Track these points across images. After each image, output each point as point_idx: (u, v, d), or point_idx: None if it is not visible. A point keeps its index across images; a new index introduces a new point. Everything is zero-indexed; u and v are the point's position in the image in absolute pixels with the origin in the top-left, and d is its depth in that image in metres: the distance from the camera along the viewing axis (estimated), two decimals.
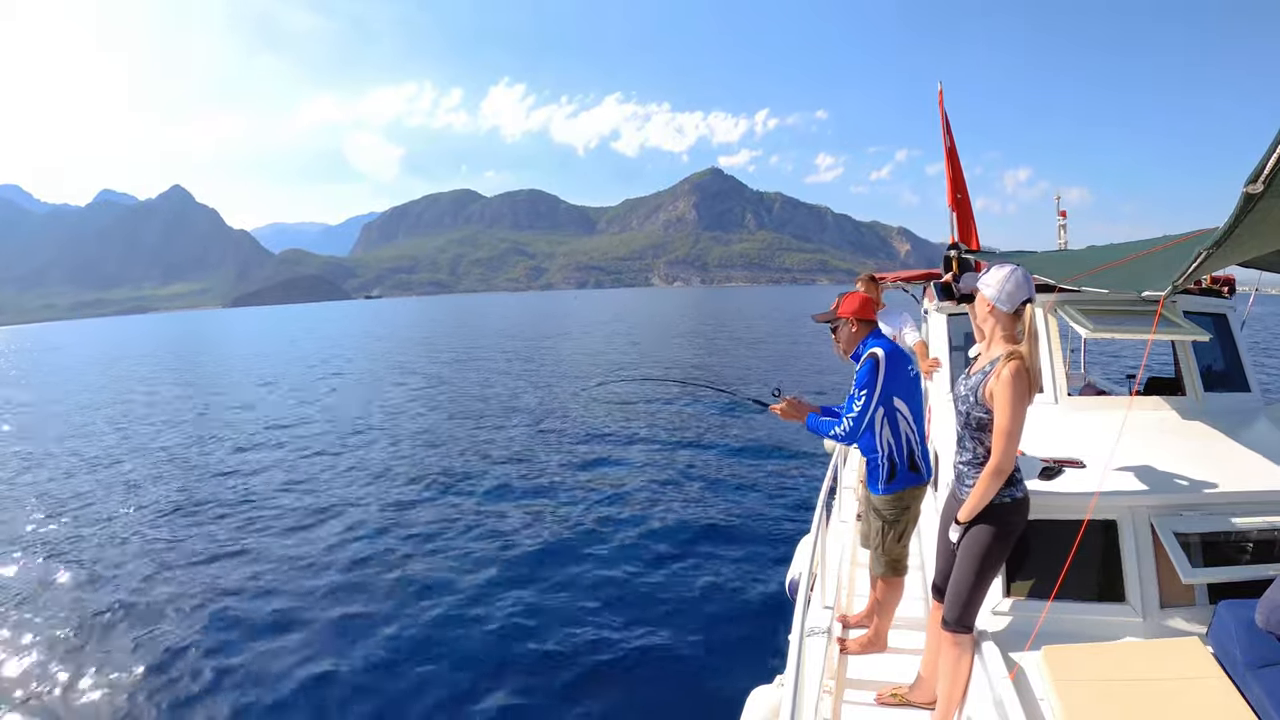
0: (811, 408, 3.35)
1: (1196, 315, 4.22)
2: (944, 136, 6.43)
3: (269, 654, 6.28)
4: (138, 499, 11.63)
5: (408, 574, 7.92)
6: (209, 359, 44.15)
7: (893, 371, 3.13)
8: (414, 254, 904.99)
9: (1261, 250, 2.80)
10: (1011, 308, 2.54)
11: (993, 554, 2.51)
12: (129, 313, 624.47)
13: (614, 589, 7.33)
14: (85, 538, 9.72)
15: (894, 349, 3.20)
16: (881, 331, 3.39)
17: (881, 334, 3.35)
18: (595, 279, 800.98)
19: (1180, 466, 2.86)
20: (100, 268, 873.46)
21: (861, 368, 3.17)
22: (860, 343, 3.32)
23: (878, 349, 3.16)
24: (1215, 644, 2.37)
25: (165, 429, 18.42)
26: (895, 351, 3.19)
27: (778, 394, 3.39)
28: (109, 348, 64.02)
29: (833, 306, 3.44)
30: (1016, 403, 2.41)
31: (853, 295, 3.39)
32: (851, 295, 3.39)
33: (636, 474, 11.84)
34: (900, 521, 3.30)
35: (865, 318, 3.33)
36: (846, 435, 3.17)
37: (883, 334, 3.35)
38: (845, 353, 3.40)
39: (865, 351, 3.22)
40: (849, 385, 3.28)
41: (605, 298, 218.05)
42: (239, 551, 8.85)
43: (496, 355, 36.07)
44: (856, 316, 3.32)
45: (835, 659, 3.40)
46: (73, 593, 7.87)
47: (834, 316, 3.40)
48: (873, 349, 3.18)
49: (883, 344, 3.20)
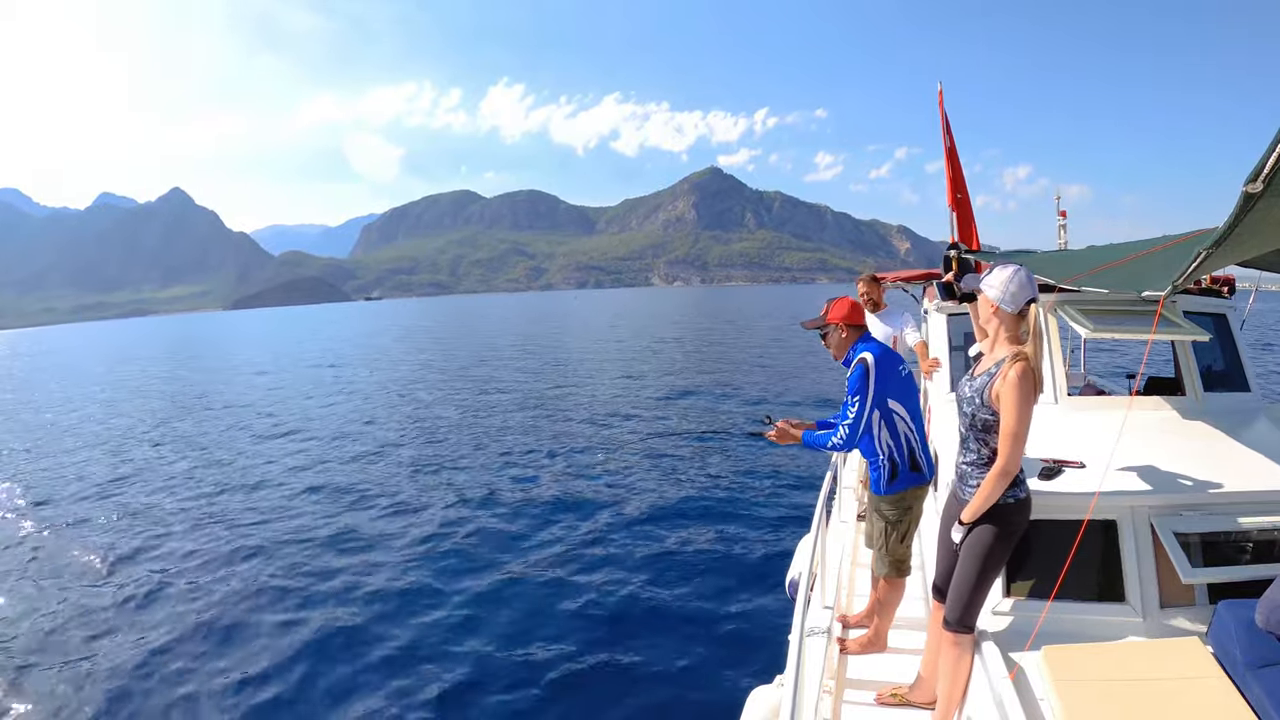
0: (805, 425, 3.34)
1: (1196, 315, 4.22)
2: (944, 136, 6.42)
3: (269, 654, 6.30)
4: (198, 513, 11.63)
5: (407, 573, 7.93)
6: (224, 363, 44.04)
7: (884, 374, 3.13)
8: (414, 255, 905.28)
9: (1261, 250, 2.79)
10: (1016, 309, 2.54)
11: (995, 554, 2.51)
12: (129, 316, 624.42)
13: (613, 589, 7.32)
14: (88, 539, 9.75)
15: (883, 352, 3.20)
16: (871, 335, 3.38)
17: (871, 337, 3.34)
18: (595, 279, 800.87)
19: (1180, 466, 2.86)
20: (100, 271, 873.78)
21: (853, 374, 3.16)
22: (850, 348, 3.31)
23: (867, 354, 3.16)
24: (1215, 644, 2.37)
25: (202, 430, 18.44)
26: (885, 354, 3.19)
27: (769, 421, 3.39)
28: (116, 350, 63.98)
29: (822, 312, 3.41)
30: (1023, 404, 2.40)
31: (841, 300, 3.37)
32: (840, 300, 3.38)
33: (636, 474, 11.84)
34: (903, 522, 3.30)
35: (854, 323, 3.32)
36: (845, 443, 3.17)
37: (872, 337, 3.35)
38: (836, 358, 3.41)
39: (856, 356, 3.21)
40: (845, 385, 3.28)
41: (605, 297, 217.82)
42: (259, 553, 8.86)
43: (499, 359, 36.07)
44: (846, 322, 3.31)
45: (835, 659, 3.40)
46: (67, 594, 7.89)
47: (824, 323, 3.38)
48: (862, 354, 3.17)
49: (871, 348, 3.20)
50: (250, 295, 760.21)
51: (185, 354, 52.61)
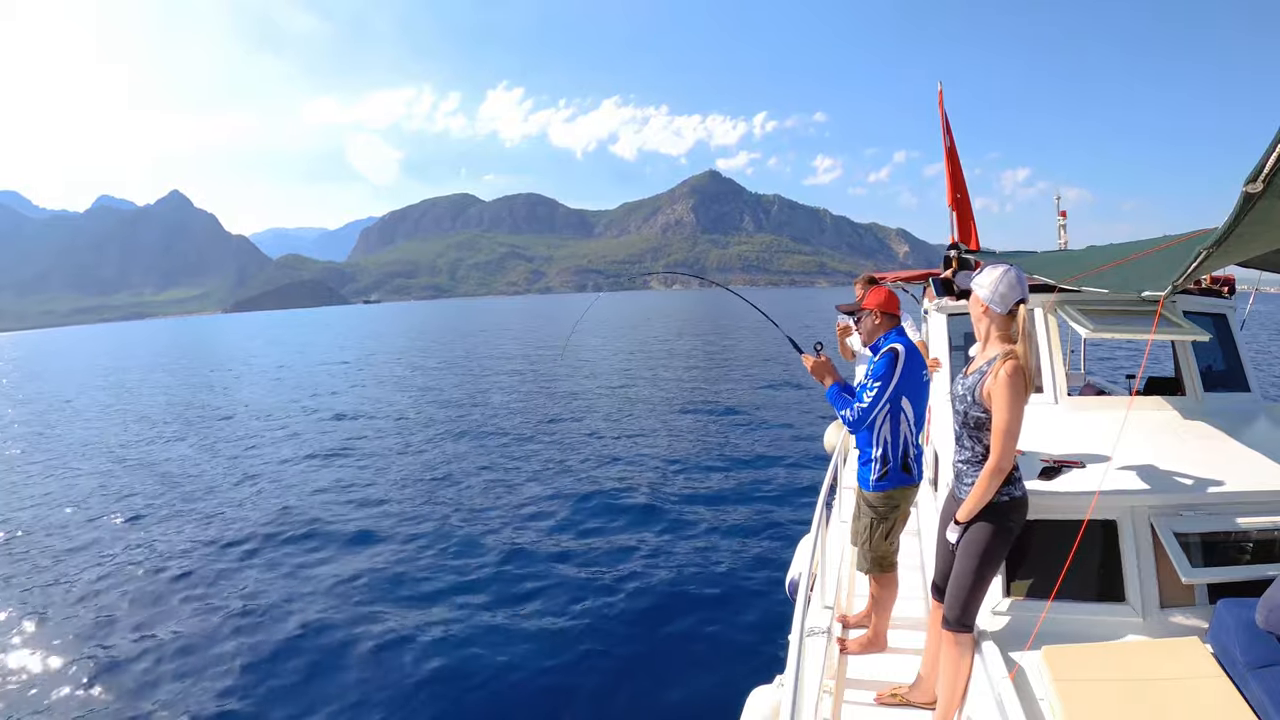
0: (839, 377, 3.38)
1: (1196, 315, 4.23)
2: (944, 136, 6.45)
3: (270, 652, 6.29)
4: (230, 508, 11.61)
5: (405, 574, 7.91)
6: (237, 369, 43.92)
7: (909, 370, 3.15)
8: (412, 258, 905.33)
9: (1261, 250, 2.80)
10: (1005, 309, 2.55)
11: (991, 553, 2.51)
12: (128, 318, 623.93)
13: (612, 589, 7.32)
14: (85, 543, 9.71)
15: (913, 348, 3.23)
16: (905, 332, 3.41)
17: (904, 333, 3.37)
18: (594, 283, 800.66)
19: (1180, 466, 2.86)
20: (99, 273, 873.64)
21: (880, 360, 3.19)
22: (882, 336, 3.36)
23: (898, 344, 3.19)
24: (1215, 644, 2.36)
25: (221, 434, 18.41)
26: (913, 352, 3.21)
27: (819, 349, 3.43)
28: (120, 356, 63.85)
29: (859, 297, 3.65)
30: (1014, 402, 2.41)
31: (879, 289, 3.47)
32: (878, 289, 3.47)
33: (636, 474, 11.83)
34: (889, 519, 3.32)
35: (889, 311, 3.38)
36: (854, 422, 3.18)
37: (905, 334, 3.37)
38: (865, 343, 3.47)
39: (885, 345, 3.24)
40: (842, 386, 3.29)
41: (621, 300, 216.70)
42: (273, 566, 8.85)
43: (523, 362, 36.03)
44: (881, 309, 3.37)
45: (835, 659, 3.39)
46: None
47: (859, 307, 3.47)
48: (894, 344, 3.20)
49: (904, 341, 3.24)
50: (249, 298, 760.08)
51: (230, 358, 52.48)
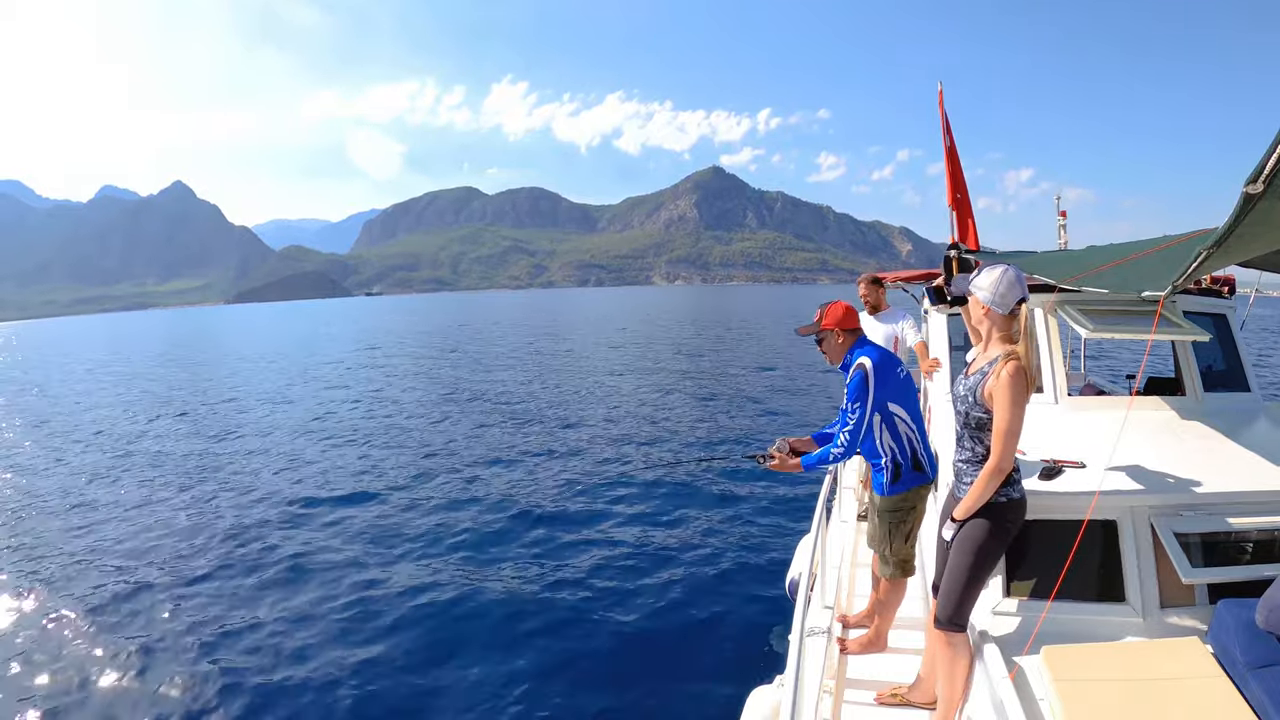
0: (803, 444, 3.31)
1: (1196, 315, 4.22)
2: (944, 136, 6.43)
3: (268, 653, 6.31)
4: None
5: (404, 574, 7.93)
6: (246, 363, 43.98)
7: (883, 378, 3.09)
8: (415, 251, 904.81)
9: (1261, 251, 2.79)
10: (1006, 309, 2.54)
11: (986, 552, 2.51)
12: (130, 309, 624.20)
13: (611, 589, 7.32)
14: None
15: (881, 355, 3.15)
16: (867, 338, 3.32)
17: (868, 341, 3.29)
18: (597, 277, 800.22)
19: (1180, 466, 2.86)
20: (102, 264, 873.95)
21: (852, 379, 3.12)
22: (847, 352, 3.26)
23: (865, 359, 3.11)
24: (1215, 644, 2.37)
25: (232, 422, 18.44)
26: (883, 357, 3.15)
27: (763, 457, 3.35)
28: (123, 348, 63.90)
29: (816, 318, 3.30)
30: (1016, 402, 2.41)
31: (835, 305, 3.28)
32: (834, 305, 3.29)
33: (636, 474, 11.82)
34: (906, 522, 3.28)
35: (849, 327, 3.25)
36: (846, 450, 3.14)
37: (869, 341, 3.29)
38: (833, 363, 3.33)
39: (854, 361, 3.17)
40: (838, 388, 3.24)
41: (621, 295, 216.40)
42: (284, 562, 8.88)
43: (531, 355, 36.05)
44: (841, 327, 3.24)
45: (835, 659, 3.40)
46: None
47: (818, 329, 3.30)
48: (860, 359, 3.13)
49: (868, 352, 3.16)
50: (251, 289, 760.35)
51: (196, 353, 52.58)
